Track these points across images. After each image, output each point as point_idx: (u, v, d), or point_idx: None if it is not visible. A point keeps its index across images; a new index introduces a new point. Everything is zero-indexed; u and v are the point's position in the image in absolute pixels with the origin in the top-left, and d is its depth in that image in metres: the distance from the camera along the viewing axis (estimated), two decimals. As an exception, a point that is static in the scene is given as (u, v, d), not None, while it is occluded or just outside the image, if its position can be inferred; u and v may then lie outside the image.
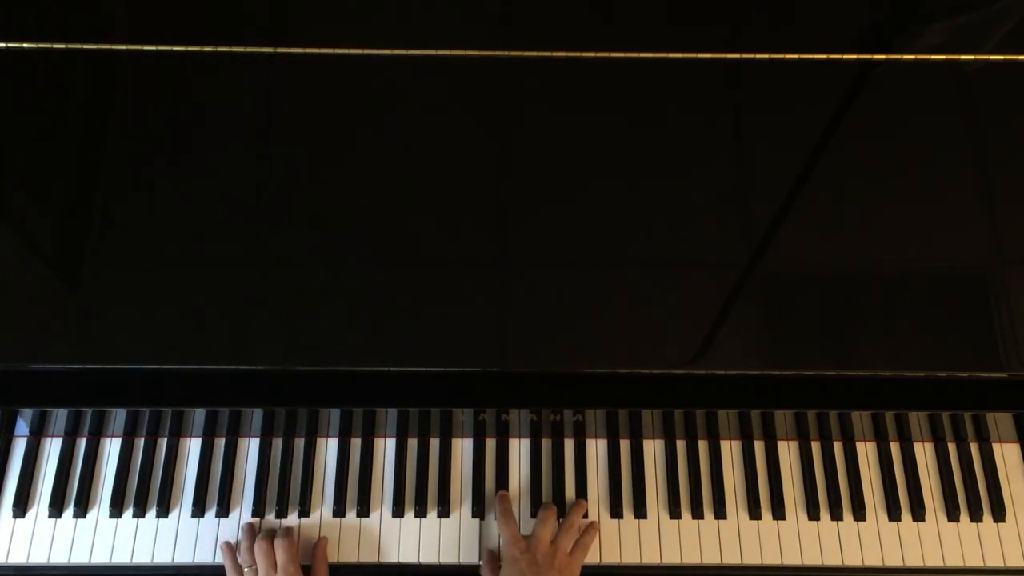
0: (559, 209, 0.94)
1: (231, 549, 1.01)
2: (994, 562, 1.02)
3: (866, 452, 1.08)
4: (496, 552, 1.02)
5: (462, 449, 1.08)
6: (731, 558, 1.03)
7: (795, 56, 1.00)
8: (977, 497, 1.05)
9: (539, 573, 0.95)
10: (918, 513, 1.04)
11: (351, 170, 0.95)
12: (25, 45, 1.00)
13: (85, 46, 1.00)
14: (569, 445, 1.08)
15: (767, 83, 1.00)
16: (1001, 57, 1.01)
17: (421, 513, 1.04)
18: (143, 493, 1.04)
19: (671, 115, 0.99)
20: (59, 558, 1.02)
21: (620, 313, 0.89)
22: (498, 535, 1.03)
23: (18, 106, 0.98)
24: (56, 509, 1.03)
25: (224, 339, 0.88)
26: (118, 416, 1.04)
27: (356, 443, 1.07)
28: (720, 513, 1.05)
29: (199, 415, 1.05)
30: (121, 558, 1.02)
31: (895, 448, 1.08)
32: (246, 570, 0.99)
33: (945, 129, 0.98)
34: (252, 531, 1.02)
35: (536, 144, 0.97)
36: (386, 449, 1.08)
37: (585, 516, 1.04)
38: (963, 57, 1.01)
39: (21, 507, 1.03)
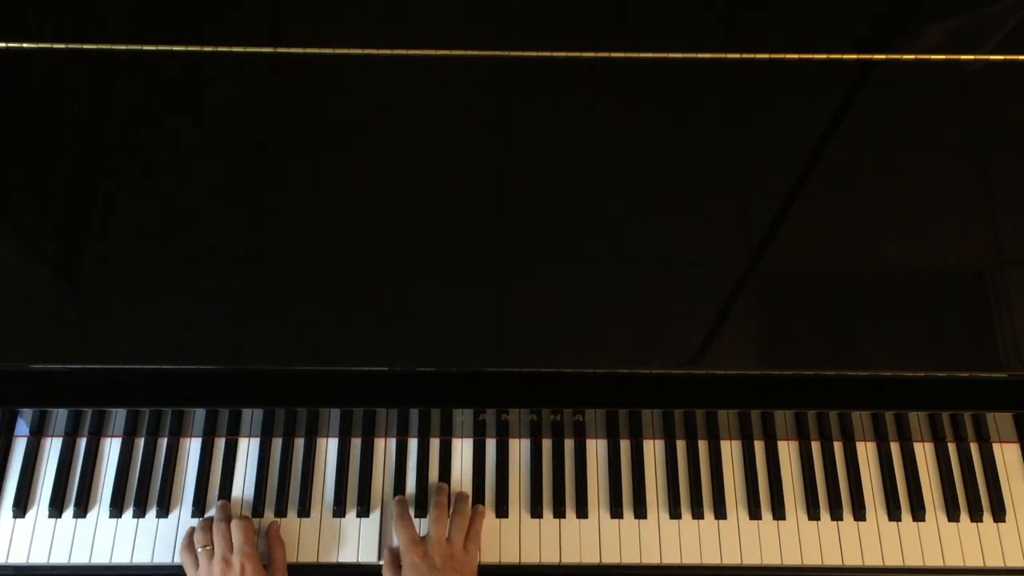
0: (559, 209, 0.94)
1: (189, 536, 1.01)
2: (994, 562, 1.02)
3: (866, 452, 1.08)
4: (396, 552, 1.01)
5: (462, 449, 1.08)
6: (731, 558, 1.03)
7: (795, 56, 1.00)
8: (977, 497, 1.05)
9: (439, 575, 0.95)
10: (918, 513, 1.04)
11: (351, 170, 0.96)
12: (25, 45, 1.00)
13: (85, 46, 1.00)
14: (569, 445, 1.08)
15: (767, 83, 1.00)
16: (1001, 57, 1.01)
17: (421, 513, 1.04)
18: (143, 493, 1.04)
19: (671, 115, 0.99)
20: (59, 558, 1.02)
21: (620, 313, 0.89)
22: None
23: (18, 106, 0.98)
24: (56, 509, 1.03)
25: (224, 339, 0.88)
26: (118, 416, 1.04)
27: (356, 443, 1.07)
28: (720, 513, 1.04)
29: (199, 415, 1.05)
30: (121, 558, 1.02)
31: (895, 448, 1.08)
32: (200, 550, 0.98)
33: (945, 129, 0.98)
34: (209, 519, 1.01)
35: (536, 144, 0.97)
36: (386, 449, 1.08)
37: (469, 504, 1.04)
38: (963, 57, 1.01)
39: (21, 507, 1.03)
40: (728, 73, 1.01)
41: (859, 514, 1.04)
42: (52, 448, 1.06)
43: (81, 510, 1.04)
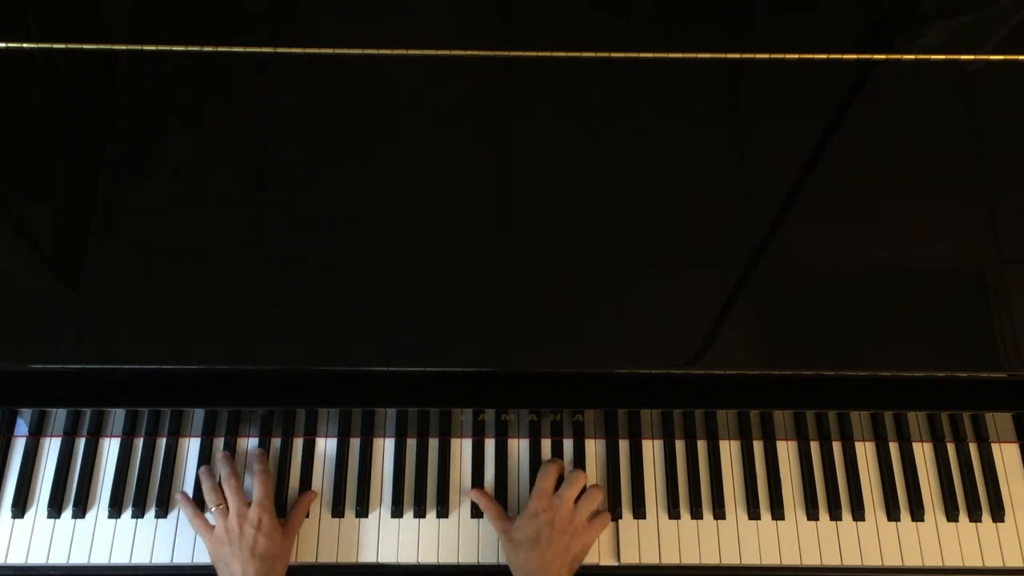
0: (559, 209, 0.94)
1: (188, 497, 1.01)
2: (993, 562, 1.03)
3: (865, 452, 1.08)
4: (501, 510, 1.01)
5: (461, 449, 1.08)
6: (730, 558, 1.03)
7: (795, 56, 1.00)
8: (976, 497, 1.05)
9: (553, 533, 0.94)
10: (917, 513, 1.04)
11: (351, 170, 0.96)
12: (25, 45, 1.00)
13: (85, 46, 1.00)
14: (568, 445, 1.08)
15: (767, 83, 1.00)
16: (1001, 57, 1.01)
17: (420, 513, 1.04)
18: (142, 493, 1.04)
19: (671, 115, 0.99)
20: (58, 558, 1.02)
21: (620, 313, 0.89)
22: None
23: (18, 106, 0.98)
24: (55, 509, 1.03)
25: (224, 339, 0.88)
26: (117, 416, 1.04)
27: (355, 443, 1.07)
28: (719, 513, 1.05)
29: (198, 415, 1.05)
30: (120, 558, 1.02)
31: (894, 448, 1.08)
32: (213, 509, 0.97)
33: (945, 129, 0.98)
34: (212, 471, 1.01)
35: (536, 144, 0.97)
36: (385, 449, 1.08)
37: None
38: (963, 57, 1.01)
39: (20, 507, 1.03)
40: (728, 73, 1.01)
41: (858, 514, 1.04)
42: (51, 448, 1.06)
43: (80, 510, 1.04)
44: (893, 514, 1.04)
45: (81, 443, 1.07)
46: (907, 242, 0.92)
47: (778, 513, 1.04)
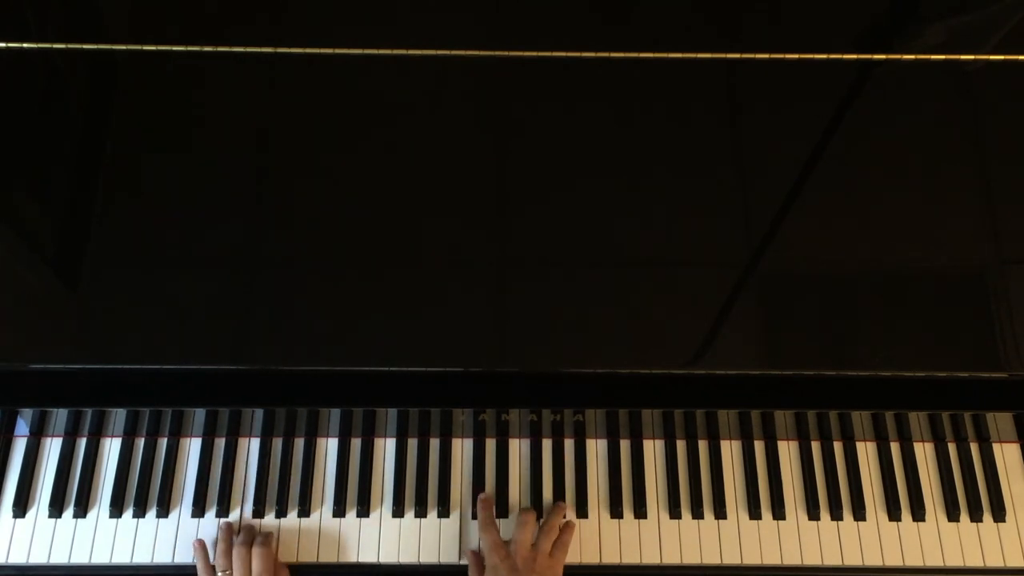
0: (559, 209, 0.94)
1: (204, 549, 1.01)
2: (994, 562, 1.03)
3: (866, 452, 1.08)
4: (479, 554, 1.02)
5: (462, 449, 1.08)
6: (731, 558, 1.03)
7: (795, 56, 1.00)
8: (977, 497, 1.05)
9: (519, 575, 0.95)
10: (918, 513, 1.04)
11: (351, 170, 0.96)
12: (25, 45, 1.00)
13: (85, 46, 1.00)
14: (569, 445, 1.08)
15: (767, 83, 1.00)
16: (1001, 57, 1.01)
17: (421, 513, 1.04)
18: (143, 493, 1.04)
19: (671, 115, 0.99)
20: (59, 558, 1.02)
21: (620, 313, 0.89)
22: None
23: (18, 106, 0.98)
24: (56, 509, 1.03)
25: (224, 339, 0.88)
26: (118, 416, 1.04)
27: (356, 443, 1.07)
28: (720, 513, 1.05)
29: (199, 415, 1.05)
30: (121, 558, 1.02)
31: (895, 448, 1.08)
32: (219, 574, 0.99)
33: (945, 129, 0.98)
34: (230, 533, 1.02)
35: (536, 144, 0.97)
36: (386, 449, 1.08)
37: (563, 517, 1.04)
38: (963, 57, 1.01)
39: (21, 507, 1.03)
40: (728, 73, 1.01)
41: (859, 514, 1.04)
42: (52, 448, 1.06)
43: (81, 510, 1.04)
44: (894, 514, 1.04)
45: (82, 443, 1.07)
46: (907, 242, 0.92)
47: (779, 513, 1.04)
